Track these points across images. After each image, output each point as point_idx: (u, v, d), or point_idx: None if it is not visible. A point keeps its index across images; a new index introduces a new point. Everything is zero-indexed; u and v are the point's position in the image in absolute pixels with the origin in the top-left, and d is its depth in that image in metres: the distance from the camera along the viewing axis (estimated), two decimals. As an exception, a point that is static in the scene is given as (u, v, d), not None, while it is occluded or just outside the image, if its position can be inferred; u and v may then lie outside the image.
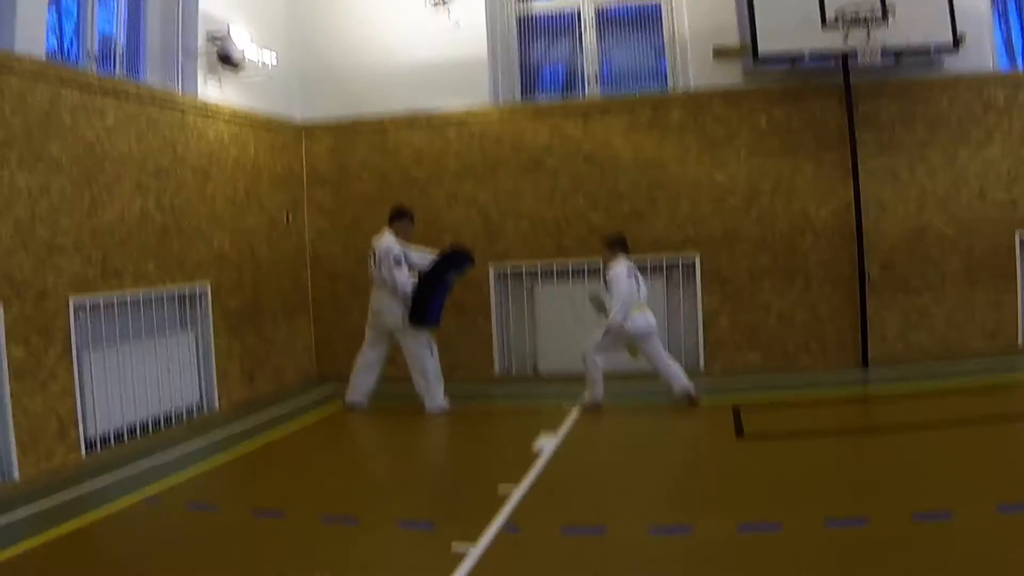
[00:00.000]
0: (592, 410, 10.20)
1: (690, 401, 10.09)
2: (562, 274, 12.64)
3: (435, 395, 10.65)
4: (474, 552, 5.84)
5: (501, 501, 6.92)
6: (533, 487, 7.36)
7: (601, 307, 10.39)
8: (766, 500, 6.81)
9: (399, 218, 10.80)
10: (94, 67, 9.51)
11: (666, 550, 5.92)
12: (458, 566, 5.59)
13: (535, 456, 8.28)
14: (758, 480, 7.38)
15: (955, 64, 12.06)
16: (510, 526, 6.41)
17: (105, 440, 9.08)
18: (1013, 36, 12.84)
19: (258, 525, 6.77)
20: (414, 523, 6.63)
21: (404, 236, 10.72)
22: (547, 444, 8.70)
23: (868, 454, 8.03)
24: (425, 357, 10.62)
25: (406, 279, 10.42)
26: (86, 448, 8.77)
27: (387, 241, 10.54)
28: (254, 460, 8.93)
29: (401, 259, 10.46)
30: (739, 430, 9.08)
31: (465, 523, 6.44)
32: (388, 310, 10.55)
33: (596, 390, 10.24)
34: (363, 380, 10.92)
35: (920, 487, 6.83)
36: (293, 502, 7.26)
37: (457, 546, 5.88)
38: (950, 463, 7.44)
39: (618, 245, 10.51)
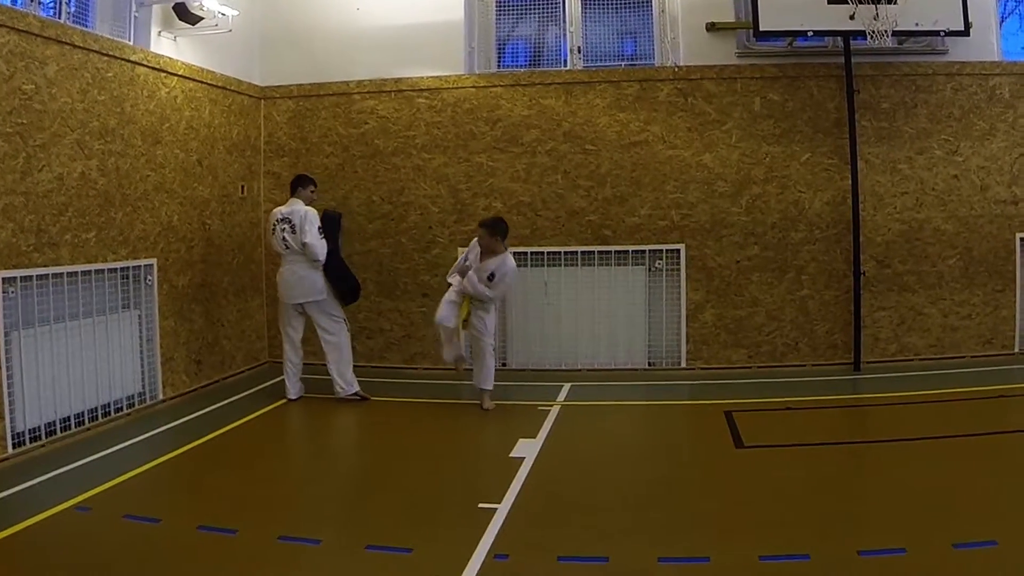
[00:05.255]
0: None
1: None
2: (536, 260, 11.80)
3: (350, 376, 10.20)
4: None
5: (483, 520, 6.15)
6: (517, 503, 6.58)
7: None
8: (784, 524, 6.07)
9: (304, 185, 10.22)
10: (37, 10, 8.46)
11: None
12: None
13: (514, 464, 7.52)
14: (769, 499, 6.63)
15: (960, 52, 11.45)
16: (498, 552, 5.62)
17: (35, 434, 8.07)
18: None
19: (204, 544, 5.86)
20: (385, 547, 5.77)
21: (309, 205, 10.12)
22: (527, 450, 7.93)
23: (883, 470, 7.29)
24: (344, 336, 10.20)
25: (324, 245, 9.90)
26: (13, 444, 7.78)
27: (303, 207, 9.96)
28: (200, 460, 8.03)
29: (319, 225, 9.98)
30: (736, 438, 8.32)
31: (445, 547, 5.71)
32: (309, 281, 9.94)
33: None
34: (298, 370, 10.39)
35: (952, 508, 6.21)
36: (244, 516, 6.39)
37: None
38: (977, 482, 6.79)
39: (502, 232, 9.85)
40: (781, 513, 6.29)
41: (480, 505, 6.46)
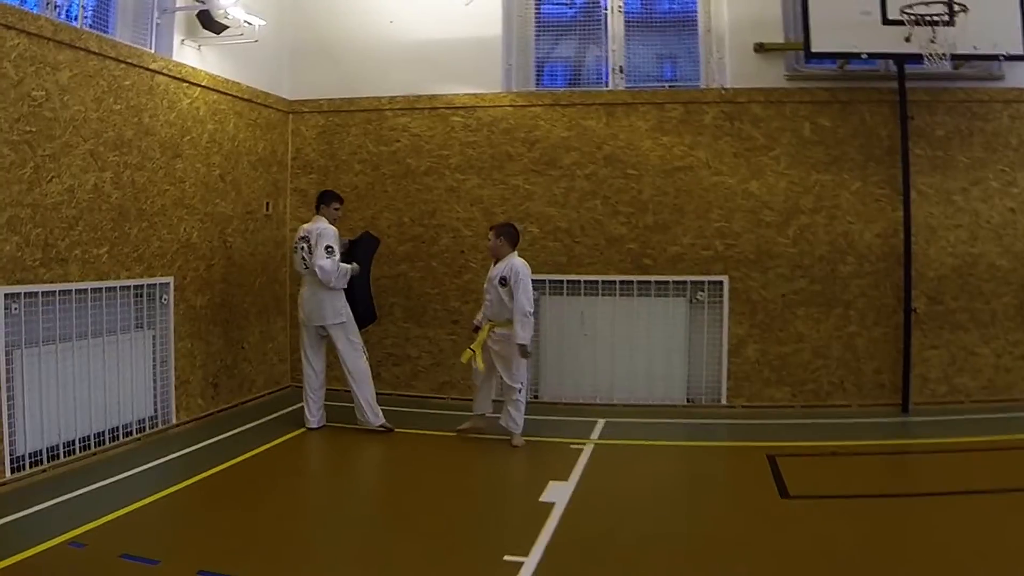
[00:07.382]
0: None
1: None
2: (573, 288, 11.30)
3: (376, 407, 9.74)
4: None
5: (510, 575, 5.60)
6: (546, 556, 6.02)
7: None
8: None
9: (329, 202, 9.82)
10: (52, 14, 8.05)
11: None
12: None
13: (544, 510, 6.99)
14: (820, 560, 6.02)
15: (1018, 78, 10.92)
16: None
17: (36, 459, 7.64)
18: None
19: (204, 593, 5.39)
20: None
21: (334, 223, 9.72)
22: (558, 495, 7.39)
23: (940, 527, 6.64)
24: (364, 363, 9.75)
25: (338, 267, 9.44)
26: (12, 468, 7.35)
27: (324, 225, 9.58)
28: (209, 493, 7.55)
29: (337, 244, 9.49)
30: (781, 487, 7.73)
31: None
32: (328, 303, 9.55)
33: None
34: (320, 397, 9.95)
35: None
36: (249, 560, 5.91)
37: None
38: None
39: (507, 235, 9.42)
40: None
41: (506, 558, 5.93)
